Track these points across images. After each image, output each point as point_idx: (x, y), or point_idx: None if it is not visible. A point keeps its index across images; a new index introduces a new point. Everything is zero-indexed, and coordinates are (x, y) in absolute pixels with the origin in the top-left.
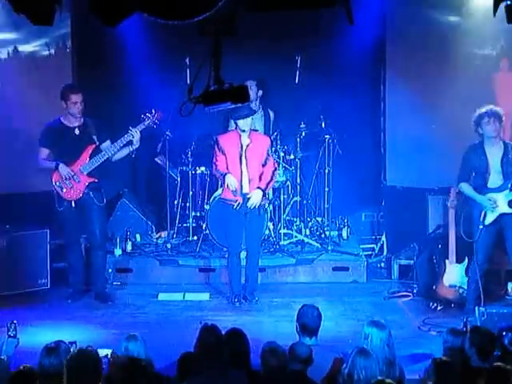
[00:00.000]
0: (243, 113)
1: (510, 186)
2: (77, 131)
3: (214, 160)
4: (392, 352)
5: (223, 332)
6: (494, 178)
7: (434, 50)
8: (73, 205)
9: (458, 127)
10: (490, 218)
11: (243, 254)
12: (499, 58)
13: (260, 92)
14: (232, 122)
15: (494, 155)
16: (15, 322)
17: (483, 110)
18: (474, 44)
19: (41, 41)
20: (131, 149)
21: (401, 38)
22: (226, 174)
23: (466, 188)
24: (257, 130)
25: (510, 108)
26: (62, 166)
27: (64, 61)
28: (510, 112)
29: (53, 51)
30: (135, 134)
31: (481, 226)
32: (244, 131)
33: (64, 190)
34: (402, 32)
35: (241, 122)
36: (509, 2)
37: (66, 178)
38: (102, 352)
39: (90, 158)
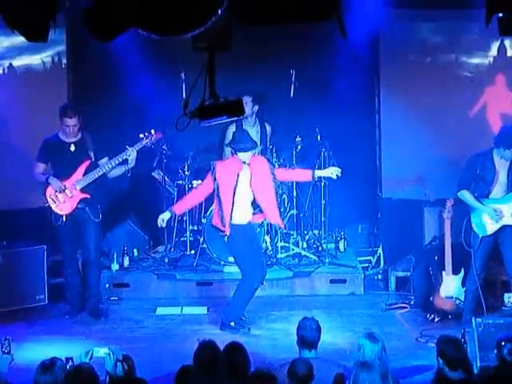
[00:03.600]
0: (244, 145)
1: None
2: (72, 147)
3: (202, 182)
4: (384, 365)
5: (222, 345)
6: (498, 189)
7: (428, 63)
8: (64, 219)
9: (452, 139)
10: (492, 228)
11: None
12: (492, 69)
13: (256, 107)
14: (227, 149)
15: (502, 167)
16: (9, 338)
17: None
18: (467, 56)
19: (36, 57)
20: (127, 168)
21: (395, 51)
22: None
23: (467, 196)
24: None
25: (498, 121)
26: (51, 179)
27: (59, 77)
28: (498, 125)
29: (48, 67)
30: (131, 153)
31: (481, 236)
32: (244, 163)
33: (56, 204)
34: (396, 45)
35: (241, 155)
36: (501, 15)
37: (57, 191)
38: (101, 351)
39: (85, 173)
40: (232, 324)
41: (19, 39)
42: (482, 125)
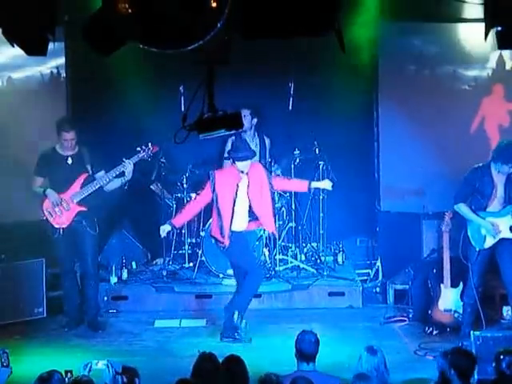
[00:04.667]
0: (243, 154)
1: (511, 211)
2: (70, 160)
3: (200, 192)
4: (382, 378)
5: (221, 358)
6: (495, 203)
7: (427, 76)
8: (61, 232)
9: (451, 151)
10: (489, 242)
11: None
12: (491, 81)
13: (254, 120)
14: (227, 162)
15: (500, 180)
16: (7, 351)
17: None
18: (465, 68)
19: (35, 70)
20: (123, 180)
21: (393, 64)
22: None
23: (465, 209)
24: None
25: (496, 133)
26: (49, 192)
27: (58, 90)
28: (496, 137)
29: (47, 81)
30: (128, 166)
31: (478, 249)
32: (242, 172)
33: (53, 217)
34: (394, 57)
35: (240, 164)
36: (499, 28)
37: (54, 205)
38: (99, 364)
39: (82, 186)
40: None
41: (18, 52)
42: (481, 137)
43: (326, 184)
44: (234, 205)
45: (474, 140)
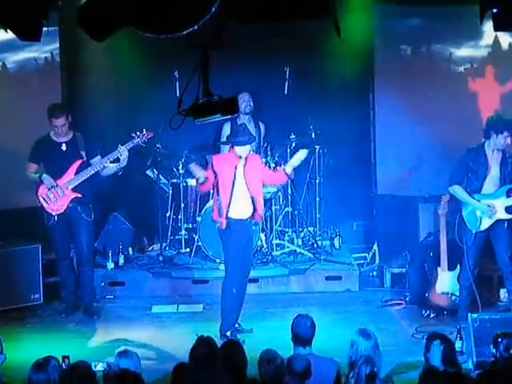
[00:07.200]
0: (243, 139)
1: (506, 192)
2: (64, 146)
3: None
4: (377, 362)
5: (219, 343)
6: (490, 184)
7: (422, 59)
8: (56, 218)
9: (448, 135)
10: (485, 224)
11: None
12: (485, 63)
13: (251, 105)
14: (224, 147)
15: (494, 161)
16: (0, 337)
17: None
18: (460, 50)
19: (29, 56)
20: (118, 167)
21: (388, 47)
22: None
23: (459, 191)
24: None
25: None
26: (45, 177)
27: (53, 75)
28: None
29: (41, 66)
30: (123, 152)
31: (474, 231)
32: (241, 157)
33: (47, 203)
34: (390, 41)
35: (239, 149)
36: (495, 10)
37: (49, 190)
38: (98, 366)
39: (77, 173)
40: (228, 334)
41: (12, 38)
42: (476, 119)
43: (300, 153)
44: (232, 186)
45: (470, 122)
